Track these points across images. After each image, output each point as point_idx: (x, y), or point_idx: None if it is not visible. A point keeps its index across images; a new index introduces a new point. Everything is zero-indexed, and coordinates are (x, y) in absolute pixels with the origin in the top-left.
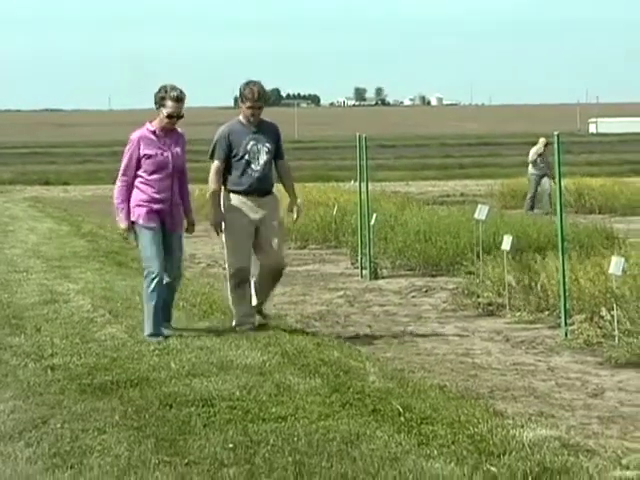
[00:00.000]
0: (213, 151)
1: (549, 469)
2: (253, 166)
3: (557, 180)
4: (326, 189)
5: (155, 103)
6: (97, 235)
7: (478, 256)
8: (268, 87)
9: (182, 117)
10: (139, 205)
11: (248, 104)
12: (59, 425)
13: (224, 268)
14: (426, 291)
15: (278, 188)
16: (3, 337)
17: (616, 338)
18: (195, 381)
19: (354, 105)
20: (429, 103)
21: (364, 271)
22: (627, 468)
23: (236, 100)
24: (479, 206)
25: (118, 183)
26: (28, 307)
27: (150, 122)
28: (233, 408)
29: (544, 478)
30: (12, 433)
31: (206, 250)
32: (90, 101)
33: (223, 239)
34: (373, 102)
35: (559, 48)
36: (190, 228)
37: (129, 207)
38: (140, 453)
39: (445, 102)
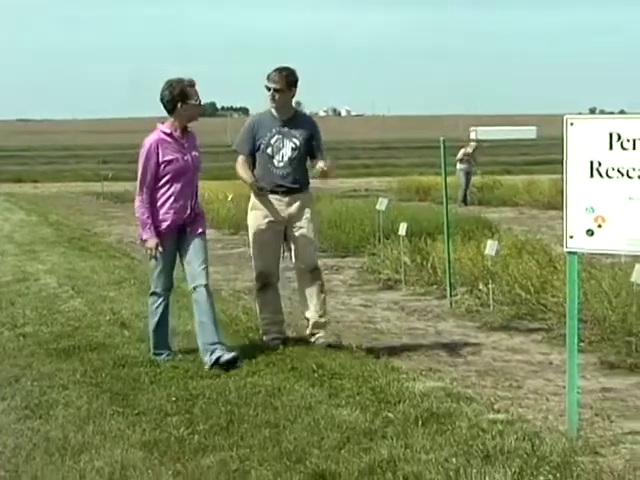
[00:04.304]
0: (238, 143)
1: (436, 414)
2: (275, 162)
3: (444, 176)
4: None
5: (172, 102)
6: (62, 224)
7: (379, 240)
8: (205, 101)
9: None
10: (157, 219)
11: (267, 84)
12: (29, 383)
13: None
14: (337, 269)
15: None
16: None
17: (491, 306)
18: (143, 345)
19: None
20: (339, 114)
21: (286, 253)
22: (498, 412)
23: None
24: (380, 199)
25: (139, 196)
26: (3, 284)
27: (162, 123)
28: (175, 368)
29: (432, 421)
30: None
31: None
32: (57, 112)
33: (250, 240)
34: None
35: (445, 69)
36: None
37: (154, 221)
38: (98, 405)
39: (353, 113)
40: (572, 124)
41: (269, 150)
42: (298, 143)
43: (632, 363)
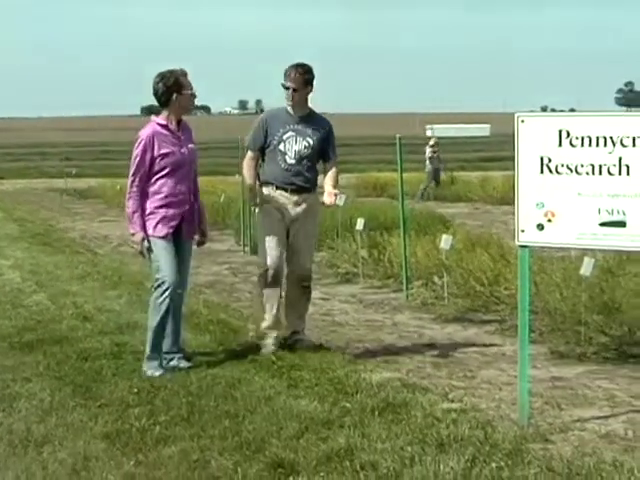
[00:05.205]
0: (249, 139)
1: (392, 404)
2: (287, 158)
3: (400, 173)
4: (215, 181)
5: (167, 94)
6: (26, 220)
7: (338, 235)
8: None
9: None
10: (153, 213)
11: (284, 83)
12: None
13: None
14: None
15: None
16: None
17: (445, 299)
18: (106, 338)
19: (238, 114)
20: None
21: (246, 248)
22: (452, 401)
23: (142, 110)
24: (339, 195)
25: (130, 189)
26: None
27: (156, 115)
28: (137, 360)
29: (388, 411)
30: None
31: (117, 232)
32: (22, 110)
33: (261, 235)
34: (253, 111)
35: (401, 67)
36: (201, 239)
37: (144, 215)
38: (60, 398)
39: None
40: (523, 121)
41: (281, 146)
42: (312, 142)
43: (581, 353)
